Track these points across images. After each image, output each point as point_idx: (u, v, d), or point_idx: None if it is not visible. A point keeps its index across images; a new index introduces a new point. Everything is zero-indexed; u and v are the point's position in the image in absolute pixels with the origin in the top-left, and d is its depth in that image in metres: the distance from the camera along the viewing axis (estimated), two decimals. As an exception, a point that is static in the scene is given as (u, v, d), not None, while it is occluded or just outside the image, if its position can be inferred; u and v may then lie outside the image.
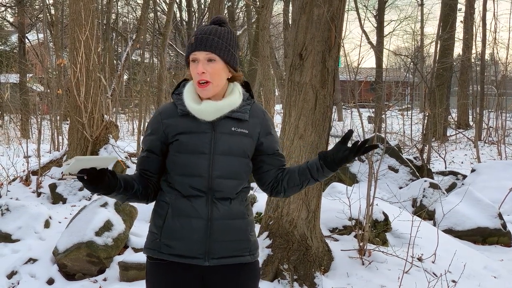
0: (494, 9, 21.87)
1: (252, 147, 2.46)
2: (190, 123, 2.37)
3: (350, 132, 2.36)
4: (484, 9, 19.70)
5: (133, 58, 26.31)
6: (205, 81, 2.34)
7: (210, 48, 2.35)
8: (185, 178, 2.35)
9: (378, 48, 21.74)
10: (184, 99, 2.39)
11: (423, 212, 6.73)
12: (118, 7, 26.27)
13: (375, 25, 26.89)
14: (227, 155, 2.37)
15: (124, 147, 11.02)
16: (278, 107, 28.16)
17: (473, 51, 20.78)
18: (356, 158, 9.84)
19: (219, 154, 2.36)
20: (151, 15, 27.02)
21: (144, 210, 6.67)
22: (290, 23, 6.48)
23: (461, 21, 21.24)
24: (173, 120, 2.39)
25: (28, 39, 25.30)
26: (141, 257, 5.15)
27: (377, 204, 5.83)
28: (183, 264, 2.36)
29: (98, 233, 5.49)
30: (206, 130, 2.36)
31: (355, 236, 5.35)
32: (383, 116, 13.78)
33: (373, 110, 22.50)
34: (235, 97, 2.41)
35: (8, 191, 8.74)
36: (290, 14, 19.66)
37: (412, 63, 17.39)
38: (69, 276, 5.42)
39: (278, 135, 2.64)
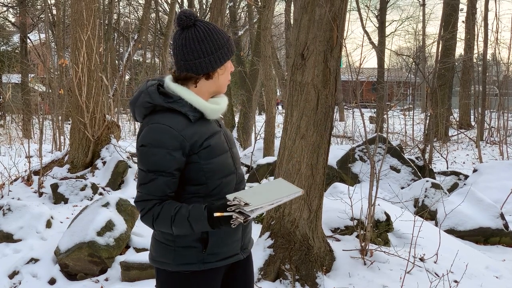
0: (496, 9, 21.86)
1: None
2: (207, 125, 2.33)
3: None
4: (486, 9, 19.72)
5: (135, 58, 26.33)
6: None
7: None
8: (222, 179, 2.32)
9: (379, 48, 21.73)
10: (195, 103, 2.29)
11: (425, 212, 6.72)
12: (120, 7, 26.28)
13: (377, 25, 26.89)
14: (235, 147, 2.48)
15: (126, 147, 11.02)
16: (280, 107, 28.17)
17: (475, 51, 20.80)
18: (358, 158, 9.87)
19: (232, 147, 2.44)
20: (153, 15, 27.05)
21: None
22: (292, 23, 6.48)
23: (463, 21, 21.25)
24: (191, 129, 2.25)
25: (30, 39, 25.35)
26: (143, 257, 5.15)
27: (379, 204, 5.82)
28: (224, 265, 2.41)
29: (100, 233, 5.49)
30: (218, 128, 2.40)
31: (357, 236, 5.35)
32: (385, 116, 13.76)
33: (375, 110, 22.49)
34: None
35: (10, 191, 8.75)
36: (291, 14, 19.67)
37: (414, 63, 17.39)
38: (71, 276, 5.42)
39: None
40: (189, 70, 2.31)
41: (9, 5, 26.53)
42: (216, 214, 2.10)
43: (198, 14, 29.21)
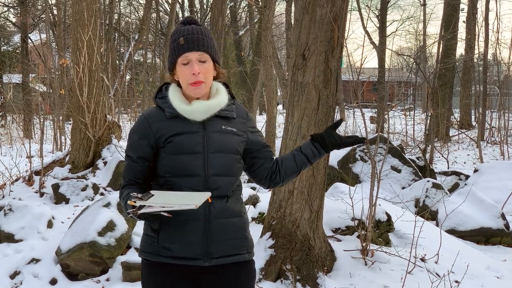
0: (497, 9, 21.89)
1: (241, 145, 2.49)
2: (181, 124, 2.37)
3: (341, 120, 2.64)
4: (487, 9, 19.70)
5: (136, 58, 26.33)
6: (199, 81, 2.36)
7: (203, 48, 2.37)
8: (182, 179, 2.33)
9: (380, 48, 21.73)
10: (172, 102, 2.39)
11: (425, 212, 6.72)
12: (121, 7, 26.29)
13: (378, 25, 26.90)
14: (220, 153, 2.39)
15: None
16: (281, 107, 28.15)
17: (476, 51, 20.78)
18: (359, 158, 9.87)
19: (213, 152, 2.37)
20: (154, 15, 27.05)
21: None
22: (293, 23, 6.48)
23: (464, 21, 21.24)
24: (162, 123, 2.37)
25: (31, 39, 25.34)
26: (144, 257, 5.15)
27: (379, 204, 5.82)
28: (182, 265, 2.36)
29: (101, 233, 5.49)
30: (198, 129, 2.38)
31: (358, 236, 5.35)
32: (386, 116, 13.77)
33: (376, 110, 22.48)
34: (222, 96, 2.45)
35: (11, 191, 8.76)
36: (292, 14, 19.66)
37: (414, 63, 17.38)
38: (72, 276, 5.43)
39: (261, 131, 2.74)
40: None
41: (9, 5, 26.54)
42: (129, 202, 2.17)
43: (199, 14, 29.25)
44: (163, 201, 2.15)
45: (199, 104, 2.38)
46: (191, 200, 2.15)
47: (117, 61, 22.51)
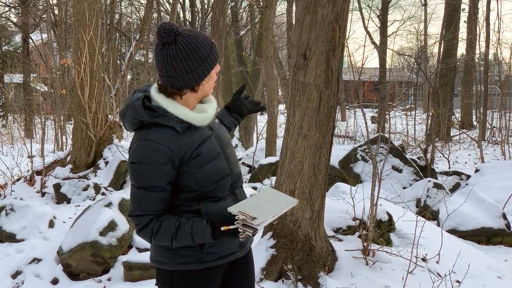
0: (498, 9, 21.88)
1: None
2: (196, 134, 2.31)
3: (244, 86, 2.86)
4: (488, 9, 19.68)
5: (137, 58, 26.32)
6: None
7: None
8: (216, 184, 2.34)
9: (381, 48, 21.72)
10: (179, 115, 2.26)
11: (427, 212, 6.72)
12: (122, 7, 26.30)
13: (379, 25, 26.90)
14: (229, 147, 2.49)
15: (128, 147, 11.05)
16: (282, 107, 28.15)
17: (477, 51, 20.77)
18: (360, 158, 9.88)
19: (226, 148, 2.45)
20: (155, 15, 27.05)
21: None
22: (294, 23, 6.48)
23: (465, 21, 21.22)
24: (180, 141, 2.24)
25: (32, 39, 25.37)
26: (145, 257, 5.16)
27: (381, 204, 5.82)
28: (223, 264, 2.43)
29: (103, 233, 5.50)
30: (209, 133, 2.39)
31: (359, 236, 5.35)
32: (387, 116, 13.76)
33: (377, 110, 22.48)
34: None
35: (12, 191, 8.77)
36: (293, 14, 19.67)
37: (415, 63, 17.38)
38: (74, 276, 5.43)
39: None
40: (173, 86, 2.27)
41: (11, 5, 26.56)
42: (223, 228, 2.16)
43: (200, 15, 29.24)
44: (268, 211, 2.17)
45: (209, 108, 2.39)
46: (281, 200, 2.24)
47: (118, 61, 22.51)
